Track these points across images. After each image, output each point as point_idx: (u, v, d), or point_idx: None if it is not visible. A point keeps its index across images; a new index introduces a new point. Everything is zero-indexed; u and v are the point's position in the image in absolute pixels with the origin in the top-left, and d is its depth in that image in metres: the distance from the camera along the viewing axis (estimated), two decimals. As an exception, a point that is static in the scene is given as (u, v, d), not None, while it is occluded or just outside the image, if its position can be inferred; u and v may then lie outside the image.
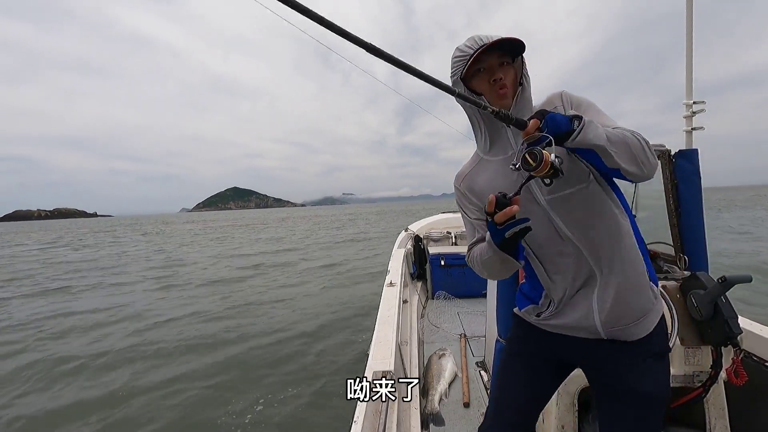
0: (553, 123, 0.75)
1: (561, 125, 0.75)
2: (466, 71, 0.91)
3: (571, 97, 0.93)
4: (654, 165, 0.80)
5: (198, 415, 3.17)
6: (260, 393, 3.47)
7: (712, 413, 1.44)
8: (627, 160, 0.78)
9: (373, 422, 1.17)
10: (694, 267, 1.68)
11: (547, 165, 0.74)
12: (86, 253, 17.82)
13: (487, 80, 0.91)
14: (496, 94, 0.91)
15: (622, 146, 0.77)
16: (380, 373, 1.37)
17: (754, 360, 1.57)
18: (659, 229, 1.87)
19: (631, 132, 0.80)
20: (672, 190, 1.73)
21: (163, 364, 4.17)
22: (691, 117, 1.89)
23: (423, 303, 3.60)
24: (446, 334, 2.92)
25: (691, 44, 1.89)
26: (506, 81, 0.90)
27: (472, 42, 0.89)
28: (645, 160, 0.79)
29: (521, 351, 1.09)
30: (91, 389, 3.68)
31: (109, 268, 12.08)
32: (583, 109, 0.91)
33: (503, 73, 0.90)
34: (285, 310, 6.16)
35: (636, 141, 0.78)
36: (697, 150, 1.72)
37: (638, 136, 0.79)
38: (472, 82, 0.94)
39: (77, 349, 4.79)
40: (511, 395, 1.05)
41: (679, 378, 1.43)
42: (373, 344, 1.65)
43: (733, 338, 1.32)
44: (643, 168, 0.79)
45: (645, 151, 0.78)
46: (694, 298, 1.44)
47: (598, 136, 0.75)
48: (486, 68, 0.91)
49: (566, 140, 0.76)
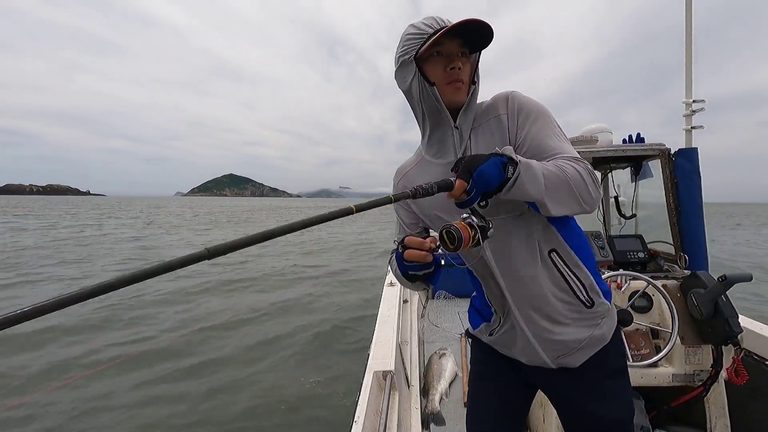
0: (481, 181, 0.63)
1: (491, 181, 0.64)
2: (423, 51, 0.78)
3: (519, 104, 0.82)
4: (596, 199, 0.73)
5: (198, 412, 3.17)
6: (260, 393, 3.47)
7: (712, 412, 1.43)
8: (565, 203, 0.70)
9: (373, 422, 1.17)
10: (694, 266, 1.68)
11: (468, 242, 0.66)
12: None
13: (442, 67, 0.80)
14: (451, 86, 0.80)
15: (562, 189, 0.69)
16: (381, 373, 1.37)
17: (754, 359, 1.57)
18: (659, 228, 1.87)
19: (573, 164, 0.71)
20: (672, 189, 1.73)
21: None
22: (691, 116, 1.89)
23: (423, 303, 3.60)
24: (447, 334, 2.91)
25: (691, 43, 1.89)
26: (463, 74, 0.80)
27: (431, 21, 0.78)
28: (587, 197, 0.71)
29: (485, 375, 1.05)
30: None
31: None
32: (530, 120, 0.80)
33: (461, 64, 0.80)
34: (288, 317, 6.15)
35: (578, 176, 0.70)
36: (696, 149, 1.72)
37: (580, 169, 0.71)
38: (425, 65, 0.81)
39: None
40: (487, 427, 1.01)
41: (679, 377, 1.43)
42: (373, 344, 1.65)
43: (734, 337, 1.32)
44: (584, 205, 0.72)
45: (587, 186, 0.70)
46: (694, 297, 1.44)
47: (534, 184, 0.66)
48: (444, 53, 0.79)
49: (499, 192, 0.67)
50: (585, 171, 0.71)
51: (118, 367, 3.91)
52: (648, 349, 1.49)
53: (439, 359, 2.30)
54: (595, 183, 0.72)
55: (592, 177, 0.72)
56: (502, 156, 0.67)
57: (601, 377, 0.89)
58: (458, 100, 0.82)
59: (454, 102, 0.82)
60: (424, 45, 0.77)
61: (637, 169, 2.06)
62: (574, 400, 0.92)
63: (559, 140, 0.78)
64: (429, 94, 0.81)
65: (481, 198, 0.66)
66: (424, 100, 0.82)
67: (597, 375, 0.89)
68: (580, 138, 1.91)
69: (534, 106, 0.82)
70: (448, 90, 0.81)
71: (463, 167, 0.65)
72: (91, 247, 13.24)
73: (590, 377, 0.89)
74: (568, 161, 0.72)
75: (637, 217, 2.17)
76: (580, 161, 0.72)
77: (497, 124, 0.83)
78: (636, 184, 2.10)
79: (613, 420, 0.88)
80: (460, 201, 0.66)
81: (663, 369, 1.46)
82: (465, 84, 0.81)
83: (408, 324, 2.55)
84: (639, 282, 1.53)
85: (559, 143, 0.78)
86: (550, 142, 0.77)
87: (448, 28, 0.74)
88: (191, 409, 3.26)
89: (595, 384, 0.89)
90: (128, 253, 12.16)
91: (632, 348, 1.46)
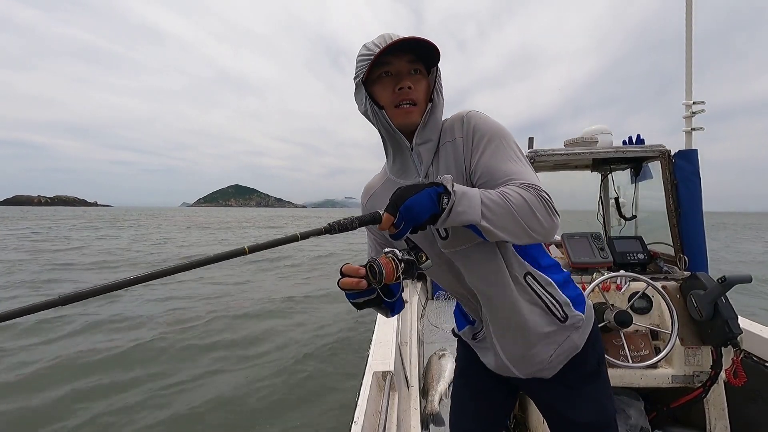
0: (409, 215, 0.62)
1: (421, 214, 0.62)
2: (369, 74, 0.77)
3: (474, 126, 0.77)
4: (547, 227, 0.67)
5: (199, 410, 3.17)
6: (260, 392, 3.47)
7: (712, 413, 1.44)
8: (510, 232, 0.66)
9: (373, 422, 1.17)
10: (694, 267, 1.68)
11: (392, 276, 0.65)
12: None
13: (392, 88, 0.77)
14: (400, 110, 0.77)
15: (505, 218, 0.65)
16: (380, 374, 1.37)
17: (753, 360, 1.57)
18: (659, 230, 1.88)
19: (521, 190, 0.66)
20: (672, 191, 1.73)
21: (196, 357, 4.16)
22: (691, 117, 1.89)
23: (423, 303, 3.60)
24: (446, 334, 2.91)
25: (691, 43, 1.89)
26: (415, 93, 0.77)
27: (381, 40, 0.74)
28: (534, 225, 0.66)
29: (467, 373, 1.07)
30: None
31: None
32: (483, 143, 0.76)
33: (412, 82, 0.77)
34: (287, 316, 6.15)
35: (523, 203, 0.65)
36: (696, 150, 1.72)
37: (527, 196, 0.65)
38: (374, 88, 0.79)
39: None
40: (468, 425, 1.04)
41: (679, 378, 1.43)
42: (373, 344, 1.65)
43: (733, 339, 1.32)
44: (532, 234, 0.67)
45: (534, 213, 0.65)
46: (694, 299, 1.44)
47: (472, 214, 0.64)
48: (393, 73, 0.77)
49: (434, 223, 0.65)
50: (534, 197, 0.66)
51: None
52: (648, 350, 1.49)
53: (438, 360, 2.29)
54: (547, 209, 0.66)
55: (543, 203, 0.66)
56: (439, 186, 0.65)
57: (574, 383, 0.90)
58: (410, 123, 0.79)
59: (406, 125, 0.79)
60: (368, 69, 0.75)
61: (637, 170, 2.07)
62: (550, 405, 0.94)
63: (514, 164, 0.73)
64: (380, 117, 0.79)
65: (412, 230, 0.66)
66: (379, 123, 0.80)
67: (570, 381, 0.90)
68: (580, 139, 1.92)
69: (489, 128, 0.77)
70: (397, 113, 0.78)
71: (392, 201, 0.64)
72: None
73: (563, 383, 0.90)
74: (517, 188, 0.67)
75: (637, 219, 2.17)
76: (531, 187, 0.67)
77: (453, 148, 0.80)
78: (636, 185, 2.10)
79: (588, 423, 0.89)
80: (392, 234, 0.65)
81: (662, 370, 1.46)
82: (419, 103, 0.78)
83: (408, 324, 2.55)
84: (639, 283, 1.53)
85: (514, 167, 0.72)
86: (503, 166, 0.73)
87: (386, 47, 0.72)
88: (189, 408, 3.26)
89: (569, 389, 0.90)
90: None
91: (632, 349, 1.46)
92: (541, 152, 1.82)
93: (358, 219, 0.66)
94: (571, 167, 2.36)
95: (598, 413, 0.90)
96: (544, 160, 1.83)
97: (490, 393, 1.02)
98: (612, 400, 0.94)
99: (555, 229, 0.68)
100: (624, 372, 1.44)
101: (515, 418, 1.74)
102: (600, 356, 0.93)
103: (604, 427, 0.90)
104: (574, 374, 0.89)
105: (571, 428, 0.92)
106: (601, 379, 0.93)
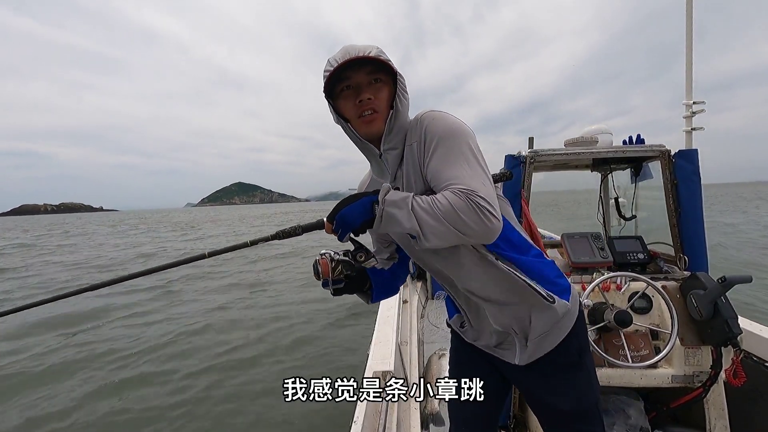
0: (343, 222, 0.75)
1: (354, 221, 0.74)
2: (333, 88, 0.81)
3: (426, 130, 0.79)
4: (483, 230, 0.68)
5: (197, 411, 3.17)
6: (260, 392, 3.47)
7: (712, 413, 1.44)
8: (441, 236, 0.69)
9: (373, 422, 1.17)
10: (694, 267, 1.68)
11: (329, 273, 0.82)
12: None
13: (353, 101, 0.80)
14: (362, 120, 0.81)
15: (435, 222, 0.68)
16: (380, 373, 1.37)
17: (753, 360, 1.57)
18: (659, 229, 1.87)
19: (454, 195, 0.68)
20: (672, 190, 1.73)
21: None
22: (691, 117, 1.89)
23: (423, 303, 3.59)
24: (446, 334, 2.90)
25: (691, 44, 1.89)
26: (376, 103, 0.80)
27: (342, 53, 0.77)
28: (464, 228, 0.67)
29: (461, 364, 1.11)
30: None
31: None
32: (432, 147, 0.77)
33: (373, 93, 0.79)
34: (287, 317, 6.15)
35: (449, 209, 0.67)
36: (696, 150, 1.72)
37: (456, 201, 0.67)
38: (338, 102, 0.83)
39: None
40: (467, 415, 1.08)
41: (679, 378, 1.43)
42: (373, 344, 1.66)
43: (733, 338, 1.32)
44: (462, 237, 0.69)
45: (461, 218, 0.67)
46: (694, 299, 1.44)
47: (403, 220, 0.70)
48: (353, 86, 0.80)
49: (371, 227, 0.76)
50: (463, 202, 0.67)
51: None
52: (648, 350, 1.49)
53: (438, 360, 2.30)
54: (478, 213, 0.66)
55: (474, 207, 0.66)
56: (375, 196, 0.75)
57: (553, 371, 0.92)
58: (374, 132, 0.83)
59: (370, 133, 0.83)
60: (328, 84, 0.80)
61: (637, 170, 2.06)
62: (532, 391, 0.98)
63: (458, 168, 0.73)
64: (347, 129, 0.85)
65: (353, 233, 0.77)
66: (348, 134, 0.86)
67: (549, 369, 0.92)
68: (580, 139, 1.92)
69: (440, 131, 0.77)
70: (360, 124, 0.82)
71: (333, 210, 0.77)
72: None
73: (543, 371, 0.93)
74: (450, 193, 0.69)
75: (637, 219, 2.17)
76: (463, 191, 0.68)
77: (410, 153, 0.83)
78: (636, 185, 2.10)
79: (566, 411, 0.92)
80: (338, 237, 0.78)
81: (662, 370, 1.46)
82: (381, 112, 0.81)
83: (408, 324, 2.55)
84: (639, 283, 1.53)
85: (456, 171, 0.72)
86: (446, 171, 0.73)
87: (340, 65, 0.76)
88: (186, 407, 3.26)
89: (547, 377, 0.93)
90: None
91: (632, 349, 1.46)
92: (541, 152, 1.82)
93: (302, 227, 0.81)
94: (571, 167, 2.36)
95: (574, 401, 0.92)
96: (544, 160, 1.83)
97: (483, 377, 1.05)
98: (593, 390, 0.96)
99: (491, 231, 0.69)
100: (624, 372, 1.44)
101: (515, 418, 1.74)
102: (582, 347, 0.94)
103: (582, 414, 0.93)
104: (553, 363, 0.91)
105: (549, 413, 0.97)
106: (581, 371, 0.94)
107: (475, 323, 1.00)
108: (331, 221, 0.76)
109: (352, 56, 0.75)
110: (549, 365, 0.91)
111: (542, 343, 0.89)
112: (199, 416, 3.17)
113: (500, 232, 0.72)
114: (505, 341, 0.96)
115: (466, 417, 1.09)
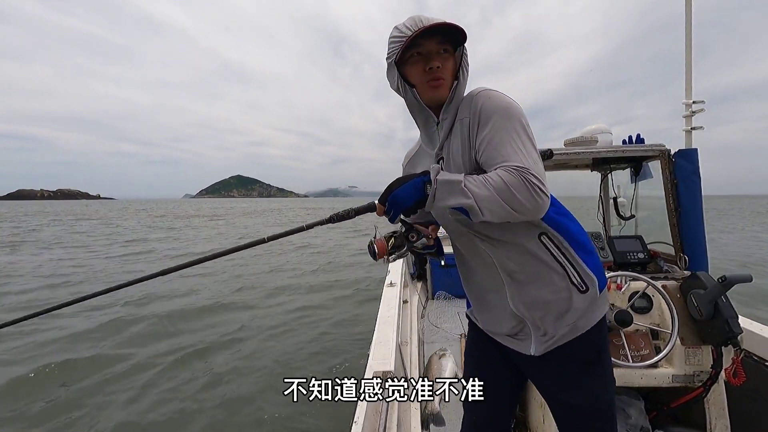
0: (395, 203, 0.77)
1: (406, 201, 0.77)
2: (402, 55, 0.83)
3: (480, 107, 0.81)
4: (534, 206, 0.71)
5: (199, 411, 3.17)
6: (259, 391, 3.47)
7: (712, 413, 1.43)
8: (496, 213, 0.72)
9: (373, 422, 1.17)
10: (694, 267, 1.68)
11: (384, 252, 0.85)
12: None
13: (422, 68, 0.83)
14: (429, 85, 0.84)
15: (489, 199, 0.71)
16: (380, 374, 1.37)
17: (754, 360, 1.57)
18: (659, 229, 1.87)
19: (507, 173, 0.71)
20: (672, 190, 1.73)
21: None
22: (691, 117, 1.89)
23: (423, 303, 3.59)
24: (447, 334, 2.91)
25: (690, 44, 1.89)
26: (443, 71, 0.83)
27: (412, 22, 0.80)
28: (516, 206, 0.70)
29: (476, 357, 1.11)
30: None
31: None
32: (487, 126, 0.79)
33: (441, 62, 0.83)
34: (286, 316, 6.15)
35: (503, 186, 0.70)
36: (696, 150, 1.72)
37: (509, 178, 0.70)
38: (406, 68, 0.86)
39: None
40: (484, 410, 1.07)
41: (679, 377, 1.43)
42: (373, 344, 1.65)
43: (734, 338, 1.32)
44: (515, 214, 0.71)
45: (514, 194, 0.69)
46: (694, 298, 1.44)
47: (456, 198, 0.73)
48: (423, 54, 0.83)
49: (422, 207, 0.78)
50: (516, 180, 0.70)
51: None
52: (648, 349, 1.49)
53: (438, 360, 2.29)
54: (530, 190, 0.69)
55: (527, 185, 0.69)
56: (426, 175, 0.78)
57: (569, 366, 0.91)
58: (439, 97, 0.86)
59: (435, 99, 0.86)
60: (401, 51, 0.81)
61: (637, 169, 2.06)
62: (546, 386, 0.97)
63: (511, 147, 0.75)
64: (411, 95, 0.87)
65: (404, 213, 0.79)
66: (409, 100, 0.88)
67: (565, 364, 0.91)
68: (580, 139, 1.92)
69: (494, 109, 0.79)
70: (427, 88, 0.85)
71: (384, 192, 0.80)
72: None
73: (558, 365, 0.91)
74: (503, 171, 0.72)
75: (636, 218, 2.17)
76: (515, 169, 0.71)
77: (461, 128, 0.85)
78: (636, 184, 2.10)
79: (581, 408, 0.90)
80: (389, 218, 0.81)
81: (663, 370, 1.46)
82: (447, 80, 0.85)
83: (408, 324, 2.55)
84: (639, 283, 1.53)
85: (510, 150, 0.75)
86: (501, 150, 0.76)
87: (418, 31, 0.78)
88: (183, 404, 3.26)
89: (561, 373, 0.92)
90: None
91: (632, 349, 1.46)
92: (541, 152, 1.81)
93: (355, 210, 0.84)
94: (571, 167, 2.36)
95: (587, 399, 0.90)
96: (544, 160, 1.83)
97: (497, 367, 1.05)
98: (609, 390, 0.94)
99: (541, 208, 0.73)
100: (624, 371, 1.44)
101: (515, 418, 1.74)
102: (602, 346, 0.93)
103: (595, 413, 0.91)
104: (570, 359, 0.90)
105: (562, 410, 0.95)
106: (596, 369, 0.92)
107: (482, 311, 1.03)
108: (383, 203, 0.79)
109: (431, 23, 0.78)
110: (566, 359, 0.90)
111: (561, 330, 0.87)
112: (199, 416, 3.17)
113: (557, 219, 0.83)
114: (521, 331, 0.94)
115: (480, 409, 1.09)
